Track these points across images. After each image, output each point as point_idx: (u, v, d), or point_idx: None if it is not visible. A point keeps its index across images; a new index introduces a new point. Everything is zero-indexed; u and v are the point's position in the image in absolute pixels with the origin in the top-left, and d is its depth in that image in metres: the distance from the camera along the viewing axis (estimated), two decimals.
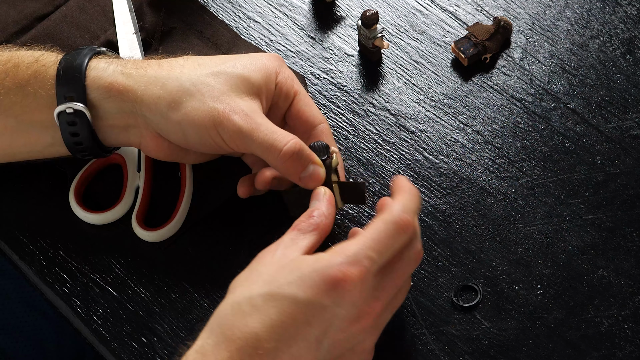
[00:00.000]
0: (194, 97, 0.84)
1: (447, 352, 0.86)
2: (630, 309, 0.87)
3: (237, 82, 0.85)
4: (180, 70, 0.85)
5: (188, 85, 0.84)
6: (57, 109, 0.84)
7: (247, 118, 0.83)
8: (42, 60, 0.86)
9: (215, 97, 0.84)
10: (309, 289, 0.73)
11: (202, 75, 0.85)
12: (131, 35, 1.00)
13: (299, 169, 0.84)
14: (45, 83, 0.85)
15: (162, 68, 0.86)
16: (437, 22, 1.03)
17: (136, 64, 0.86)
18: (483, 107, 0.98)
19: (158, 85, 0.85)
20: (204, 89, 0.84)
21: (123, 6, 1.02)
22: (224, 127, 0.83)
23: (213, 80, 0.85)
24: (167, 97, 0.84)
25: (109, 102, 0.85)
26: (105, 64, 0.86)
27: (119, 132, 0.87)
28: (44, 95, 0.85)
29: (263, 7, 1.05)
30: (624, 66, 1.00)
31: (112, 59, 0.87)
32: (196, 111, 0.83)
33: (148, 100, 0.84)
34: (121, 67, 0.86)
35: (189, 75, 0.85)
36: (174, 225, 0.91)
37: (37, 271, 0.90)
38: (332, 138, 0.90)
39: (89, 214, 0.91)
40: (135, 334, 0.87)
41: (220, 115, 0.83)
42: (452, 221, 0.92)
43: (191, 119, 0.83)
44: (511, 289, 0.89)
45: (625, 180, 0.94)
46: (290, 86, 0.88)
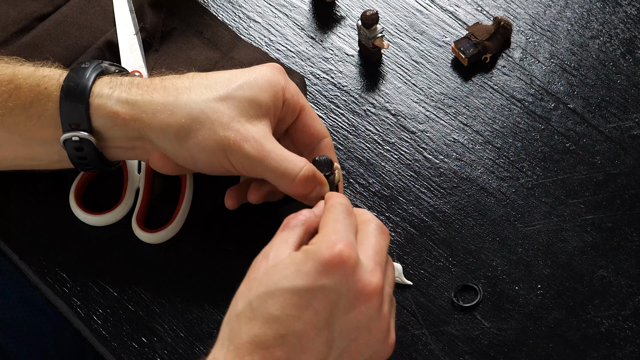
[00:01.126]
0: (203, 125, 0.83)
1: (447, 352, 0.86)
2: (630, 309, 0.87)
3: (246, 106, 0.84)
4: (188, 96, 0.84)
5: (197, 112, 0.83)
6: (63, 136, 0.84)
7: (259, 145, 0.83)
8: (43, 83, 0.85)
9: (225, 125, 0.83)
10: (305, 276, 0.73)
11: (210, 100, 0.84)
12: (132, 36, 1.00)
13: (309, 192, 0.84)
14: (49, 107, 0.84)
15: (169, 93, 0.85)
16: (437, 22, 1.03)
17: (141, 89, 0.85)
18: (483, 107, 0.98)
19: (166, 114, 0.83)
20: (213, 116, 0.83)
21: (124, 7, 1.02)
22: (235, 155, 0.83)
23: (222, 106, 0.84)
24: (175, 126, 0.83)
25: (114, 130, 0.84)
26: (108, 90, 0.84)
27: (126, 151, 0.86)
28: (48, 117, 0.84)
29: (263, 7, 1.05)
30: (624, 66, 1.00)
31: (116, 82, 0.85)
32: (206, 140, 0.83)
33: (156, 127, 0.83)
34: (125, 93, 0.84)
35: (196, 101, 0.84)
36: (174, 226, 0.91)
37: (37, 271, 0.90)
38: (334, 153, 0.90)
39: (89, 216, 0.91)
40: (135, 334, 0.87)
41: (232, 144, 0.82)
42: (452, 221, 0.92)
43: (201, 147, 0.83)
44: (511, 289, 0.89)
45: (625, 180, 0.94)
46: (296, 102, 0.88)
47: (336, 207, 0.79)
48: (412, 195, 0.93)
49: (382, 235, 0.80)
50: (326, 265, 0.74)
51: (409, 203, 0.93)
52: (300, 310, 0.73)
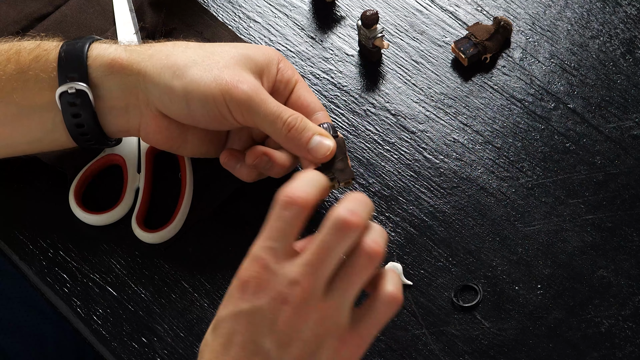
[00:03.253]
0: (199, 65, 0.84)
1: (447, 352, 0.86)
2: (630, 309, 0.87)
3: (242, 59, 0.86)
4: (185, 46, 0.87)
5: (193, 56, 0.85)
6: (59, 89, 0.84)
7: (256, 89, 0.84)
8: (43, 45, 0.86)
9: (221, 68, 0.84)
10: (228, 303, 0.70)
11: (206, 50, 0.86)
12: (132, 35, 1.00)
13: (305, 140, 0.84)
14: (47, 66, 0.85)
15: (166, 45, 0.87)
16: (437, 22, 1.03)
17: (139, 45, 0.88)
18: (483, 107, 0.98)
19: (163, 56, 0.85)
20: (209, 60, 0.85)
21: (123, 6, 1.02)
22: (232, 95, 0.83)
23: (218, 55, 0.85)
24: (172, 66, 0.84)
25: (110, 79, 0.85)
26: (106, 45, 0.87)
27: (119, 114, 0.86)
28: (45, 78, 0.85)
29: (263, 7, 1.05)
30: (624, 66, 1.00)
31: (113, 42, 0.88)
32: (203, 79, 0.83)
33: (152, 70, 0.84)
34: (123, 47, 0.87)
35: (193, 49, 0.86)
36: (174, 226, 0.91)
37: (37, 271, 0.90)
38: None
39: (89, 215, 0.91)
40: (135, 334, 0.87)
41: (229, 83, 0.83)
42: (452, 221, 0.92)
43: (197, 85, 0.83)
44: (511, 289, 0.89)
45: (625, 180, 0.94)
46: (291, 74, 0.89)
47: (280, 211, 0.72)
48: (412, 195, 0.93)
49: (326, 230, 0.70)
50: (240, 288, 0.69)
51: (409, 203, 0.93)
52: (231, 339, 0.69)
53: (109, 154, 0.94)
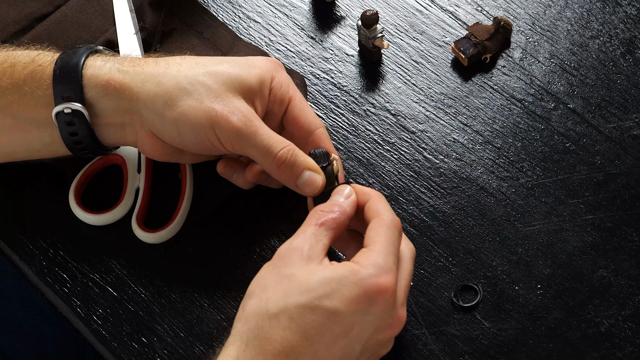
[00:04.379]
0: (191, 95, 0.83)
1: (447, 352, 0.86)
2: (630, 309, 0.87)
3: (234, 83, 0.85)
4: (177, 69, 0.85)
5: (185, 83, 0.84)
6: (55, 109, 0.84)
7: (246, 120, 0.83)
8: (38, 60, 0.86)
9: (212, 97, 0.83)
10: (349, 302, 0.74)
11: (199, 74, 0.85)
12: (131, 35, 1.00)
13: (294, 175, 0.84)
14: (42, 83, 0.85)
15: (159, 66, 0.86)
16: (437, 22, 1.03)
17: (133, 62, 0.86)
18: (483, 107, 0.98)
19: (155, 83, 0.84)
20: (201, 88, 0.84)
21: (123, 6, 1.02)
22: (221, 127, 0.83)
23: (210, 80, 0.84)
24: (163, 95, 0.84)
25: (105, 101, 0.85)
26: (101, 62, 0.85)
27: (116, 130, 0.86)
28: (41, 95, 0.85)
29: (263, 7, 1.05)
30: (624, 66, 1.00)
31: (109, 57, 0.87)
32: (193, 110, 0.83)
33: (144, 97, 0.84)
34: (118, 64, 0.85)
35: (185, 73, 0.85)
36: (174, 226, 0.91)
37: (37, 271, 0.90)
38: (330, 143, 0.89)
39: (89, 215, 0.91)
40: (135, 334, 0.87)
41: (219, 115, 0.83)
42: (452, 221, 0.92)
43: (187, 117, 0.83)
44: (511, 289, 0.89)
45: (625, 180, 0.94)
46: (284, 92, 0.87)
47: (391, 228, 0.79)
48: (412, 195, 0.93)
49: (413, 264, 0.82)
50: (370, 296, 0.75)
51: (409, 203, 0.93)
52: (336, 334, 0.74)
53: (109, 154, 0.94)
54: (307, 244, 0.77)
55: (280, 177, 0.84)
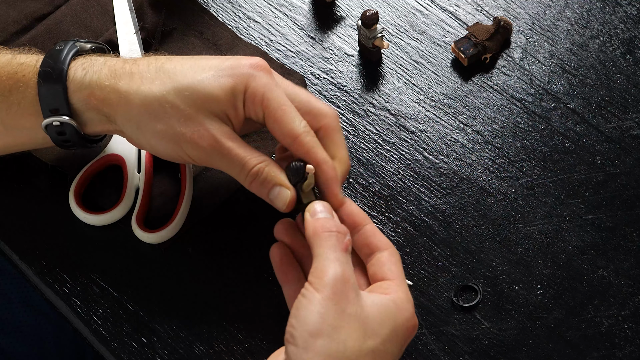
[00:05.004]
0: (160, 120, 0.82)
1: (447, 352, 0.86)
2: (630, 309, 0.87)
3: (204, 103, 0.82)
4: (149, 87, 0.83)
5: (155, 106, 0.82)
6: (44, 122, 0.84)
7: (215, 143, 0.82)
8: (21, 71, 0.85)
9: (182, 121, 0.82)
10: (400, 341, 0.79)
11: (169, 92, 0.82)
12: (132, 35, 1.00)
13: (265, 190, 0.83)
14: (27, 94, 0.84)
15: (133, 80, 0.84)
16: (437, 22, 1.03)
17: (111, 73, 0.84)
18: (483, 107, 0.98)
19: (126, 104, 0.83)
20: (170, 111, 0.82)
21: (123, 6, 1.02)
22: (191, 150, 0.82)
23: (179, 101, 0.82)
24: (135, 119, 0.83)
25: (90, 113, 0.85)
26: (82, 72, 0.84)
27: (104, 130, 0.87)
28: (28, 104, 0.85)
29: (263, 7, 1.05)
30: (624, 66, 1.00)
31: (90, 62, 0.85)
32: (163, 135, 0.82)
33: (121, 117, 0.84)
34: (97, 75, 0.84)
35: (155, 94, 0.83)
36: (174, 226, 0.91)
37: (37, 271, 0.90)
38: (314, 150, 0.83)
39: (89, 215, 0.91)
40: (135, 334, 0.87)
41: (188, 139, 0.82)
42: (452, 221, 0.92)
43: (158, 141, 0.83)
44: (511, 289, 0.89)
45: (625, 180, 0.94)
46: (257, 103, 0.83)
47: (399, 260, 0.83)
48: (412, 195, 0.93)
49: None
50: (410, 334, 0.80)
51: (409, 203, 0.93)
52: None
53: (109, 154, 0.94)
54: (350, 274, 0.78)
55: (255, 192, 0.84)
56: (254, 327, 0.87)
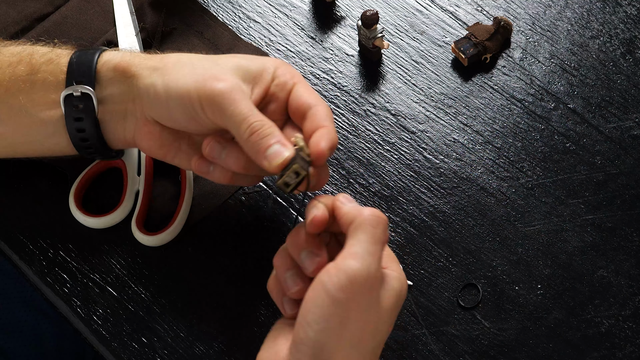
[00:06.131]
0: (186, 66, 0.84)
1: (447, 352, 0.86)
2: (630, 309, 0.87)
3: (235, 67, 0.84)
4: (188, 55, 0.86)
5: (185, 60, 0.85)
6: (65, 91, 0.85)
7: (231, 88, 0.82)
8: (56, 50, 0.87)
9: (207, 69, 0.83)
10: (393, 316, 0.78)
11: (201, 58, 0.85)
12: (132, 37, 1.00)
13: (264, 146, 0.80)
14: (57, 69, 0.86)
15: (170, 55, 0.87)
16: (437, 22, 1.03)
17: (147, 53, 0.88)
18: (483, 107, 0.98)
19: (157, 59, 0.85)
20: (198, 63, 0.84)
21: (124, 8, 1.02)
22: (204, 91, 0.81)
23: (210, 63, 0.84)
24: (161, 67, 0.84)
25: (114, 84, 0.85)
26: (116, 52, 0.87)
27: (118, 120, 0.86)
28: (52, 82, 0.86)
29: (263, 7, 1.05)
30: (624, 66, 1.00)
31: (123, 50, 0.88)
32: (184, 77, 0.83)
33: (144, 72, 0.84)
34: (129, 53, 0.87)
35: (188, 56, 0.86)
36: (173, 229, 0.91)
37: (37, 271, 0.90)
38: (327, 119, 0.83)
39: (89, 218, 0.91)
40: (135, 334, 0.87)
41: (205, 79, 0.82)
42: (452, 221, 0.92)
43: (175, 83, 0.82)
44: (511, 289, 0.89)
45: (625, 180, 0.94)
46: (289, 78, 0.86)
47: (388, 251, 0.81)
48: (412, 195, 0.93)
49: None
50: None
51: (409, 203, 0.93)
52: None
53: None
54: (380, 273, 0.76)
55: (251, 149, 0.81)
56: (254, 327, 0.87)
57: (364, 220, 0.75)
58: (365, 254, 0.73)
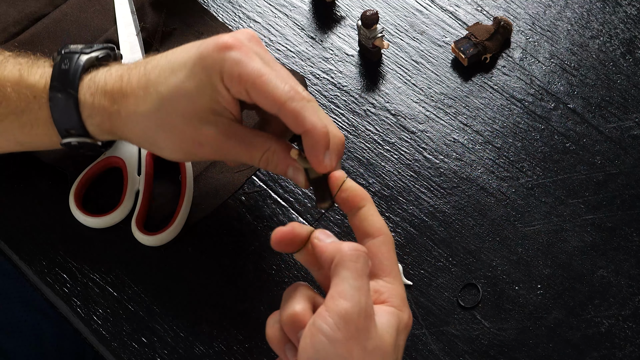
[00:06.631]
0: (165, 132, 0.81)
1: (447, 352, 0.86)
2: (630, 309, 0.87)
3: (192, 110, 0.80)
4: (143, 107, 0.81)
5: (153, 126, 0.82)
6: (63, 141, 0.85)
7: (220, 144, 0.81)
8: (31, 93, 0.84)
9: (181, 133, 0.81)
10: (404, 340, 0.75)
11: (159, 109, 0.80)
12: (133, 36, 1.00)
13: (280, 173, 0.81)
14: (40, 116, 0.84)
15: (129, 102, 0.82)
16: (437, 22, 1.03)
17: (112, 98, 0.83)
18: (483, 107, 0.98)
19: (134, 129, 0.83)
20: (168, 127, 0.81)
21: (124, 6, 1.02)
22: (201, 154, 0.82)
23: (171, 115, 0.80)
24: (143, 137, 0.83)
25: (104, 135, 0.85)
26: (90, 98, 0.83)
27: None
28: (41, 124, 0.85)
29: (263, 7, 1.05)
30: (624, 66, 1.00)
31: (95, 86, 0.83)
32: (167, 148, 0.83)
33: (131, 138, 0.84)
34: (103, 102, 0.83)
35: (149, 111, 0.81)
36: (173, 229, 0.90)
37: (37, 271, 0.90)
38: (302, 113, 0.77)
39: (89, 218, 0.91)
40: (135, 334, 0.87)
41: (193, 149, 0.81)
42: (452, 221, 0.92)
43: (161, 153, 0.83)
44: (511, 289, 0.89)
45: (625, 180, 0.94)
46: (236, 83, 0.78)
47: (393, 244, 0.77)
48: (412, 195, 0.93)
49: None
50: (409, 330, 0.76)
51: (409, 203, 0.93)
52: None
53: (109, 157, 0.94)
54: (371, 304, 0.73)
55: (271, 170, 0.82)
56: (254, 327, 0.87)
57: (343, 257, 0.72)
58: (352, 291, 0.71)
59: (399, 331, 0.73)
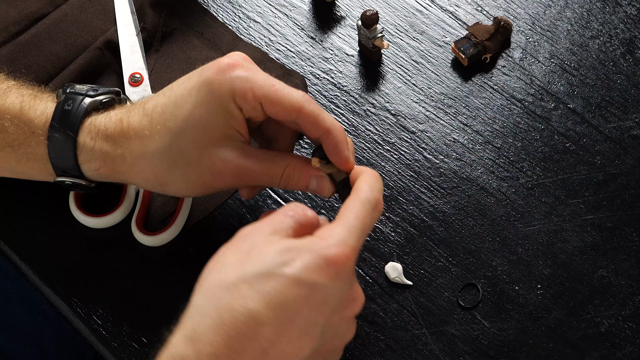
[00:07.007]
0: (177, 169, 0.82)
1: (447, 352, 0.86)
2: (630, 309, 0.87)
3: (206, 137, 0.79)
4: (151, 145, 0.81)
5: (166, 163, 0.82)
6: (57, 179, 0.85)
7: (238, 169, 0.81)
8: (29, 129, 0.83)
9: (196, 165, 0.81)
10: (309, 270, 0.70)
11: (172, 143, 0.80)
12: (133, 37, 1.00)
13: (303, 188, 0.81)
14: (38, 152, 0.84)
15: (134, 144, 0.81)
16: (437, 22, 1.03)
17: (114, 141, 0.82)
18: (483, 107, 0.98)
19: (141, 172, 0.83)
20: (182, 160, 0.81)
21: (124, 7, 1.02)
22: (220, 184, 0.82)
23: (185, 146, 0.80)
24: (153, 179, 0.83)
25: (102, 178, 0.85)
26: (91, 143, 0.83)
27: None
28: (38, 159, 0.85)
29: (263, 7, 1.05)
30: (624, 66, 1.00)
31: (95, 130, 0.83)
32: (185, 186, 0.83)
33: (137, 181, 0.84)
34: (105, 147, 0.83)
35: (159, 149, 0.81)
36: (173, 229, 0.90)
37: (37, 271, 0.90)
38: (320, 114, 0.79)
39: (89, 218, 0.91)
40: (135, 334, 0.87)
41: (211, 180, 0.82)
42: (452, 221, 0.92)
43: (179, 192, 0.84)
44: (511, 289, 0.89)
45: (625, 180, 0.94)
46: (250, 99, 0.79)
47: (364, 204, 0.75)
48: (412, 195, 0.93)
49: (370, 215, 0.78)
50: (328, 265, 0.70)
51: (409, 203, 0.93)
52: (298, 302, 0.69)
53: None
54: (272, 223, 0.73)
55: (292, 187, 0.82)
56: None
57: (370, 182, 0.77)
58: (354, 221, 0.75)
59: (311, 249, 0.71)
